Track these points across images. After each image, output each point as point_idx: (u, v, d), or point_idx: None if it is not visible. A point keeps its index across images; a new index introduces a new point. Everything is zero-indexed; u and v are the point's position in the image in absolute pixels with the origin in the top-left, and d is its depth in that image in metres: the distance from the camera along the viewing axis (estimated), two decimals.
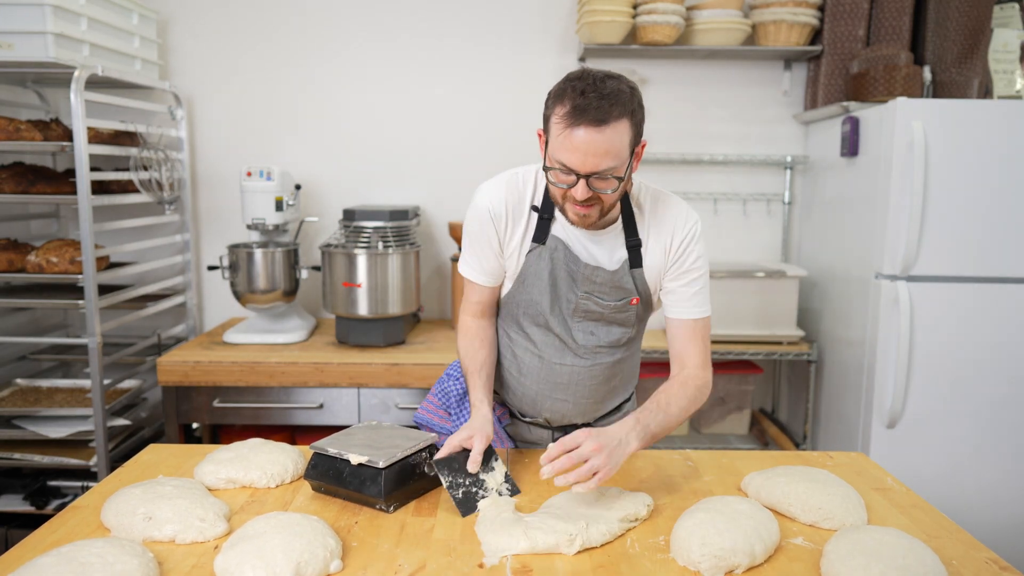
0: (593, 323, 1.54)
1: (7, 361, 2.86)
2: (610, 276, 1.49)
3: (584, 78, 1.31)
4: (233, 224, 3.04)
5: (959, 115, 2.32)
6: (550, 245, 1.49)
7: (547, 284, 1.50)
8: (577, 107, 1.28)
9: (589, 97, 1.28)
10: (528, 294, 1.53)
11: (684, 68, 3.03)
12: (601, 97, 1.28)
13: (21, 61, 2.28)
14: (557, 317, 1.53)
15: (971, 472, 2.44)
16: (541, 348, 1.57)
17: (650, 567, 1.17)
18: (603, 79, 1.31)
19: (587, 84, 1.30)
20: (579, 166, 1.31)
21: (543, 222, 1.49)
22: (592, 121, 1.28)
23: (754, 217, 3.12)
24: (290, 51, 3.01)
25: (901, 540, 1.14)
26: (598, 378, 1.59)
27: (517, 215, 1.50)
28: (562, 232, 1.50)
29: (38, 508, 2.51)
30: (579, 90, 1.29)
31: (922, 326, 2.39)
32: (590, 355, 1.56)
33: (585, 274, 1.49)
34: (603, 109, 1.28)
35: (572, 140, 1.29)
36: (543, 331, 1.56)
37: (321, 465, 1.40)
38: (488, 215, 1.51)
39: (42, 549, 1.18)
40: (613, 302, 1.51)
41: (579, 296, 1.51)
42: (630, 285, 1.50)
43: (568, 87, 1.31)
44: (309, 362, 2.50)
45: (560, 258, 1.49)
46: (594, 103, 1.28)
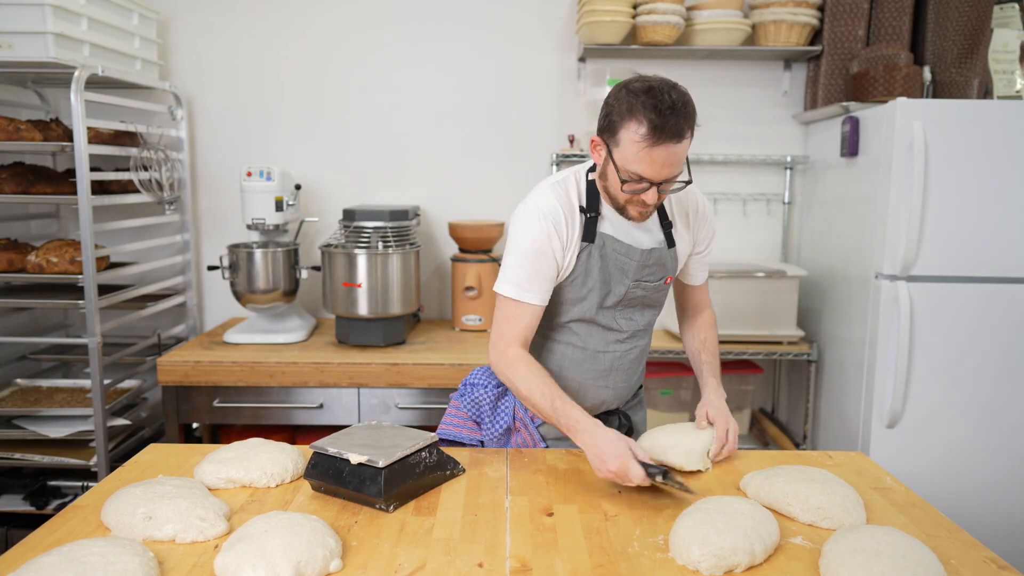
0: (633, 309, 1.64)
1: (7, 361, 2.86)
2: (660, 254, 1.60)
3: (656, 94, 1.37)
4: (233, 224, 3.04)
5: (959, 115, 2.32)
6: (598, 243, 1.56)
7: (597, 280, 1.58)
8: (658, 127, 1.36)
9: (667, 116, 1.35)
10: (578, 292, 1.59)
11: (684, 68, 3.03)
12: (678, 115, 1.37)
13: (21, 61, 2.28)
14: (606, 309, 1.61)
15: (971, 472, 2.44)
16: (585, 340, 1.63)
17: (650, 567, 1.17)
18: (671, 92, 1.38)
19: (661, 102, 1.36)
20: (655, 176, 1.42)
21: (590, 221, 1.55)
22: (673, 137, 1.37)
23: (754, 217, 3.12)
24: (290, 51, 3.01)
25: (900, 539, 1.14)
26: (635, 361, 1.69)
27: (571, 218, 1.55)
28: (609, 228, 1.57)
29: (38, 508, 2.51)
30: (654, 108, 1.36)
31: (922, 326, 2.39)
32: (630, 339, 1.66)
33: (640, 260, 1.57)
34: (680, 126, 1.37)
35: (652, 155, 1.39)
36: (587, 324, 1.63)
37: (321, 465, 1.40)
38: (551, 224, 1.52)
39: (42, 549, 1.18)
40: (656, 282, 1.62)
41: (630, 285, 1.58)
42: (669, 263, 1.63)
43: (638, 103, 1.37)
44: (309, 362, 2.50)
45: (609, 253, 1.56)
46: (671, 121, 1.36)
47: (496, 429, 1.69)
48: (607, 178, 1.50)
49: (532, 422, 1.68)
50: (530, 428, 1.68)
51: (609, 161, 1.46)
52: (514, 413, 1.69)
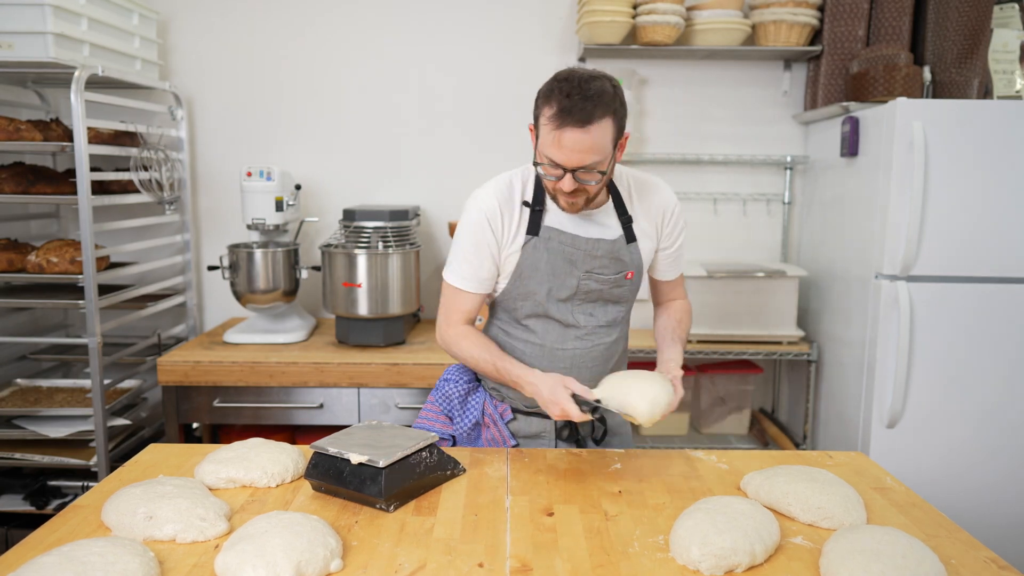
0: (592, 304, 1.63)
1: (7, 361, 2.86)
2: (610, 246, 1.59)
3: (570, 80, 1.41)
4: (233, 224, 3.04)
5: (959, 115, 2.32)
6: (544, 236, 1.58)
7: (545, 273, 1.58)
8: (563, 109, 1.38)
9: (574, 99, 1.38)
10: (525, 287, 1.60)
11: (684, 68, 3.03)
12: (585, 99, 1.38)
13: (21, 61, 2.28)
14: (556, 304, 1.60)
15: (971, 472, 2.44)
16: (542, 336, 1.63)
17: (650, 567, 1.17)
18: (588, 80, 1.41)
19: (572, 86, 1.39)
20: (566, 162, 1.43)
21: (535, 214, 1.58)
22: (577, 122, 1.38)
23: (754, 217, 3.12)
24: (290, 51, 3.01)
25: (900, 539, 1.15)
26: (598, 359, 1.65)
27: (510, 213, 1.58)
28: (555, 220, 1.58)
29: (38, 508, 2.51)
30: (565, 92, 1.39)
31: (922, 326, 2.39)
32: (590, 336, 1.64)
33: (586, 250, 1.57)
34: (587, 110, 1.38)
35: (559, 139, 1.40)
36: (542, 320, 1.62)
37: (321, 465, 1.40)
38: (485, 218, 1.58)
39: (42, 549, 1.18)
40: (612, 275, 1.61)
41: (580, 277, 1.58)
42: (627, 257, 1.61)
43: (555, 88, 1.42)
44: (309, 362, 2.50)
45: (555, 246, 1.58)
46: (579, 104, 1.38)
47: (465, 424, 1.70)
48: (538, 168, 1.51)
49: (501, 419, 1.69)
50: (499, 424, 1.68)
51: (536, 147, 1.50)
52: (483, 408, 1.70)
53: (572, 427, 1.70)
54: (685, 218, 1.72)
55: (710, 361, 3.00)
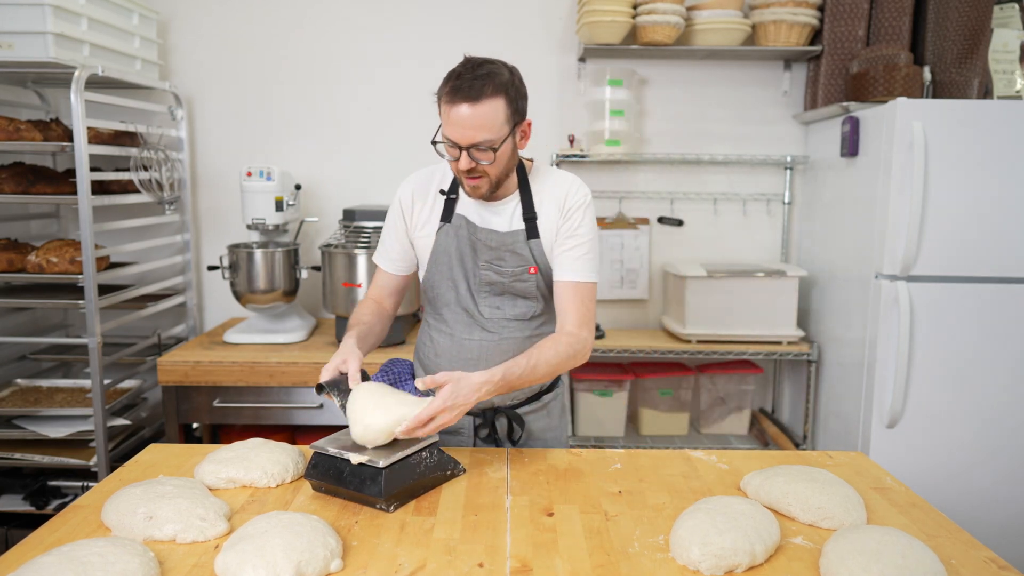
0: (498, 297, 1.66)
1: (7, 361, 2.86)
2: (503, 238, 1.62)
3: (467, 62, 1.49)
4: (233, 224, 3.04)
5: (959, 115, 2.32)
6: (455, 223, 1.64)
7: (455, 260, 1.64)
8: (455, 87, 1.46)
9: (465, 77, 1.46)
10: (440, 272, 1.66)
11: (684, 68, 3.03)
12: (476, 77, 1.45)
13: (21, 61, 2.28)
14: (465, 293, 1.65)
15: (971, 472, 2.44)
16: (452, 326, 1.68)
17: (650, 567, 1.17)
18: (481, 63, 1.49)
19: (464, 67, 1.47)
20: (459, 139, 1.48)
21: (449, 202, 1.66)
22: (466, 97, 1.45)
23: (754, 217, 3.12)
24: (290, 51, 3.01)
25: (900, 539, 1.15)
26: (507, 354, 1.64)
27: (423, 200, 1.68)
28: (465, 210, 1.65)
29: (38, 508, 2.51)
30: (457, 72, 1.47)
31: (922, 326, 2.39)
32: (497, 329, 1.66)
33: (483, 240, 1.62)
34: (476, 87, 1.45)
35: (451, 115, 1.47)
36: (453, 309, 1.67)
37: (321, 465, 1.40)
38: (398, 203, 1.70)
39: (42, 549, 1.18)
40: (512, 268, 1.63)
41: (481, 267, 1.63)
42: (526, 252, 1.62)
43: (451, 72, 1.49)
44: (309, 362, 2.50)
45: (464, 234, 1.64)
46: (468, 82, 1.45)
47: None
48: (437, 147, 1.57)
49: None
50: None
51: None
52: None
53: (491, 427, 1.70)
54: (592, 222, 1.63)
55: (710, 361, 3.00)
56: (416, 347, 1.82)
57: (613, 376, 2.93)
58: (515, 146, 1.56)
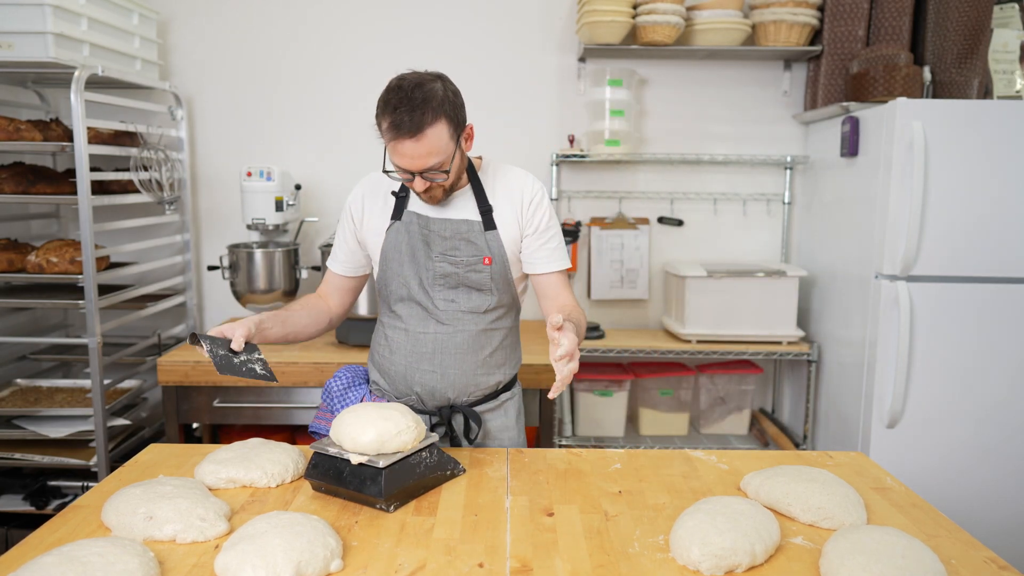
0: (452, 290, 1.65)
1: (7, 361, 2.86)
2: (457, 227, 1.62)
3: (399, 90, 1.45)
4: (233, 224, 3.04)
5: (959, 115, 2.32)
6: (406, 220, 1.65)
7: (406, 256, 1.65)
8: (394, 123, 1.44)
9: (401, 112, 1.43)
10: (391, 269, 1.66)
11: (684, 68, 3.03)
12: (413, 109, 1.43)
13: (21, 61, 2.28)
14: (419, 287, 1.65)
15: (971, 472, 2.44)
16: (406, 321, 1.68)
17: (650, 567, 1.17)
18: (414, 87, 1.45)
19: (400, 97, 1.44)
20: (410, 167, 1.49)
21: (400, 201, 1.67)
22: (408, 133, 1.44)
23: (754, 217, 3.12)
24: (290, 51, 3.01)
25: (900, 540, 1.15)
26: (462, 347, 1.65)
27: (373, 201, 1.70)
28: (416, 206, 1.66)
29: (38, 508, 2.51)
30: (393, 105, 1.44)
31: (922, 326, 2.39)
32: (452, 321, 1.65)
33: (437, 231, 1.62)
34: (415, 120, 1.43)
35: (397, 149, 1.47)
36: (408, 304, 1.67)
37: (321, 465, 1.40)
38: (348, 206, 1.72)
39: (43, 549, 1.18)
40: (466, 258, 1.63)
41: (435, 259, 1.62)
42: (481, 242, 1.63)
43: (384, 101, 1.47)
44: (309, 362, 2.50)
45: (415, 229, 1.64)
46: (406, 118, 1.43)
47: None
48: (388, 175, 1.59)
49: None
50: None
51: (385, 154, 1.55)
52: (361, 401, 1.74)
53: (448, 425, 1.70)
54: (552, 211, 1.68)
55: (710, 361, 3.00)
56: (371, 349, 1.80)
57: (613, 376, 2.93)
58: (463, 153, 1.58)
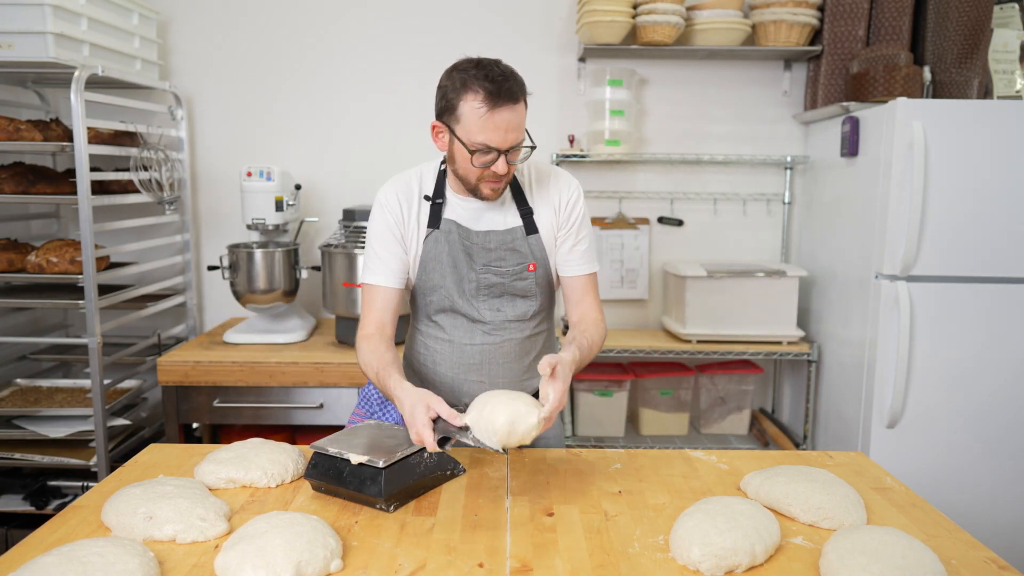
0: (497, 299, 1.61)
1: (7, 361, 2.86)
2: (502, 237, 1.59)
3: (481, 65, 1.43)
4: (233, 224, 3.04)
5: (959, 115, 2.32)
6: (444, 228, 1.59)
7: (447, 266, 1.59)
8: (494, 92, 1.40)
9: (499, 82, 1.41)
10: (431, 280, 1.61)
11: (684, 68, 3.03)
12: (506, 78, 1.42)
13: (21, 61, 2.28)
14: (462, 298, 1.60)
15: (971, 472, 2.44)
16: (450, 332, 1.63)
17: (650, 567, 1.17)
18: (498, 64, 1.45)
19: (489, 69, 1.42)
20: (500, 143, 1.44)
21: (435, 207, 1.60)
22: (509, 99, 1.42)
23: (754, 217, 3.12)
24: (290, 51, 3.01)
25: (900, 540, 1.15)
26: (510, 355, 1.64)
27: (408, 206, 1.61)
28: (454, 213, 1.60)
29: (38, 508, 2.51)
30: (484, 75, 1.41)
31: (922, 326, 2.39)
32: (498, 331, 1.62)
33: (479, 243, 1.58)
34: (513, 89, 1.43)
35: (494, 121, 1.42)
36: (450, 315, 1.62)
37: (321, 465, 1.40)
38: (386, 212, 1.61)
39: (43, 549, 1.18)
40: (511, 267, 1.59)
41: (479, 271, 1.58)
42: (525, 249, 1.60)
43: (471, 75, 1.42)
44: (309, 362, 2.50)
45: (455, 239, 1.59)
46: (506, 84, 1.41)
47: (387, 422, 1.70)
48: (455, 160, 1.51)
49: None
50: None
51: (454, 140, 1.48)
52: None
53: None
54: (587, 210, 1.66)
55: (710, 361, 3.00)
56: (407, 356, 1.75)
57: (613, 376, 2.93)
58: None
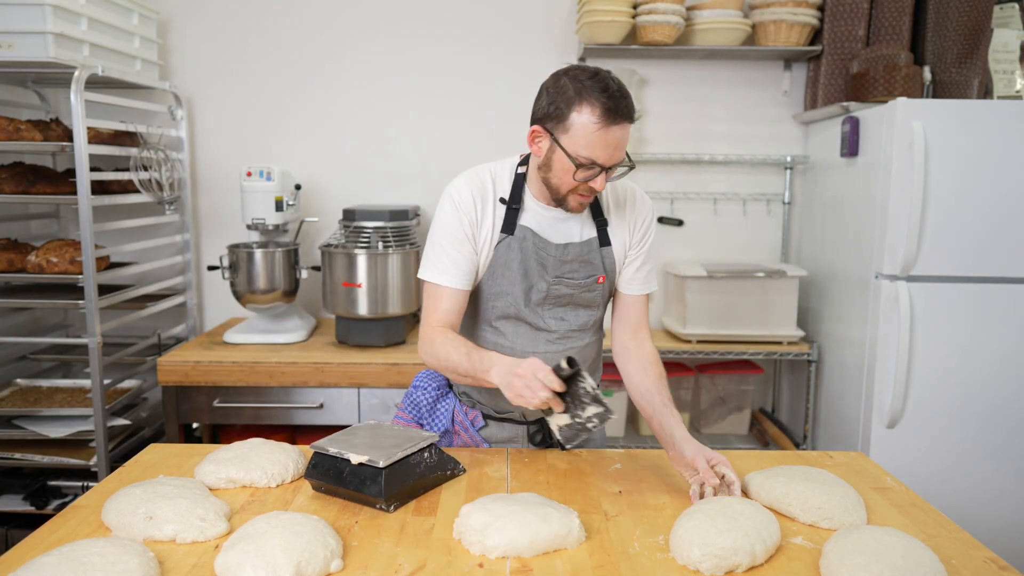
0: (563, 308, 1.59)
1: (7, 361, 2.86)
2: (580, 249, 1.55)
3: (602, 79, 1.39)
4: (233, 224, 3.04)
5: (959, 115, 2.32)
6: (519, 235, 1.54)
7: (518, 274, 1.55)
8: (610, 108, 1.36)
9: (617, 98, 1.37)
10: (498, 286, 1.56)
11: (684, 68, 3.03)
12: (623, 95, 1.38)
13: (21, 61, 2.28)
14: (527, 306, 1.57)
15: (971, 472, 2.44)
16: (512, 339, 1.60)
17: (650, 567, 1.17)
18: (613, 77, 1.40)
19: (606, 84, 1.38)
20: (606, 160, 1.40)
21: (511, 212, 1.54)
22: (625, 118, 1.39)
23: (754, 217, 3.12)
24: (290, 51, 3.01)
25: (900, 540, 1.15)
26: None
27: (483, 207, 1.54)
28: (529, 221, 1.55)
29: (38, 508, 2.51)
30: (602, 89, 1.37)
31: (922, 326, 2.39)
32: (561, 340, 1.60)
33: (556, 256, 1.54)
34: (630, 107, 1.40)
35: (606, 138, 1.38)
36: (513, 322, 1.59)
37: (321, 465, 1.40)
38: (459, 210, 1.53)
39: (43, 549, 1.18)
40: (582, 280, 1.57)
41: (550, 283, 1.55)
42: (598, 261, 1.58)
43: (585, 87, 1.38)
44: (309, 362, 2.50)
45: (529, 247, 1.54)
46: (622, 102, 1.38)
47: (435, 431, 1.68)
48: (551, 168, 1.45)
49: (472, 426, 1.67)
50: (471, 431, 1.67)
51: (556, 149, 1.43)
52: (453, 416, 1.68)
53: (544, 432, 1.67)
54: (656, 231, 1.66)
55: (710, 361, 3.00)
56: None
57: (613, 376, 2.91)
58: None
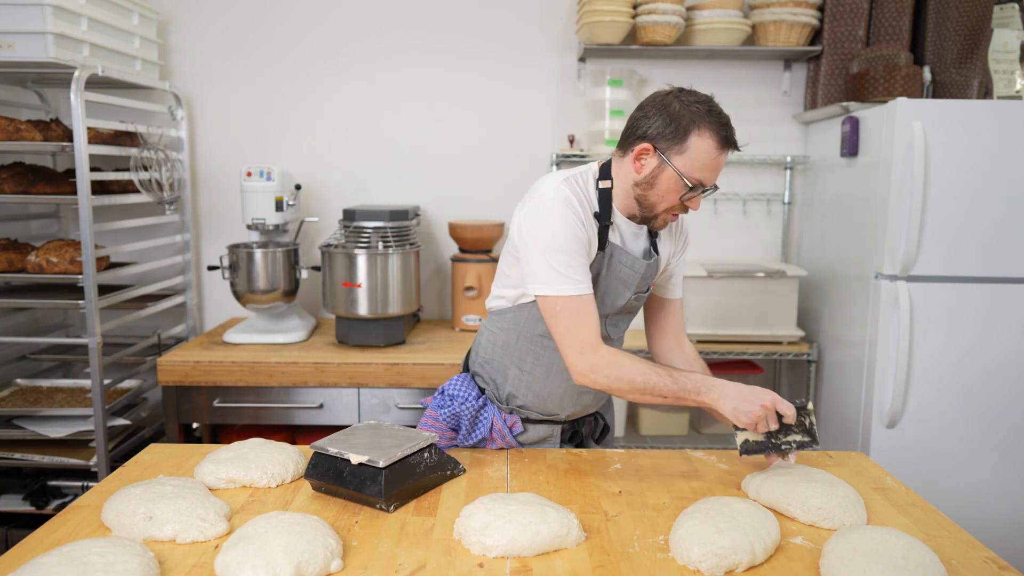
0: (618, 316, 1.65)
1: (7, 361, 2.86)
2: (653, 266, 1.61)
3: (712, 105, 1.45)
4: (233, 224, 3.04)
5: (959, 115, 2.32)
6: (607, 251, 1.56)
7: (600, 290, 1.57)
8: (727, 136, 1.44)
9: (728, 126, 1.45)
10: None
11: (684, 68, 3.03)
12: (730, 124, 1.46)
13: (21, 61, 2.28)
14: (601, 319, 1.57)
15: (971, 472, 2.44)
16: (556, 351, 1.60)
17: (650, 567, 1.17)
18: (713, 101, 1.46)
19: (718, 111, 1.45)
20: (710, 181, 1.47)
21: (603, 229, 1.55)
22: (734, 146, 1.47)
23: (754, 217, 3.12)
24: (290, 51, 3.01)
25: (900, 540, 1.15)
26: None
27: (587, 216, 1.51)
28: (615, 236, 1.58)
29: (38, 508, 2.51)
30: (716, 117, 1.44)
31: (922, 326, 2.39)
32: (616, 346, 1.67)
33: (640, 272, 1.57)
34: (736, 137, 1.47)
35: (717, 162, 1.45)
36: None
37: (321, 465, 1.40)
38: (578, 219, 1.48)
39: (42, 549, 1.18)
40: (645, 292, 1.65)
41: (630, 298, 1.60)
42: (652, 273, 1.63)
43: (703, 111, 1.43)
44: (309, 362, 2.50)
45: (614, 264, 1.57)
46: (732, 130, 1.46)
47: (472, 439, 1.68)
48: (654, 186, 1.47)
49: (511, 432, 1.67)
50: (508, 438, 1.66)
51: (665, 168, 1.45)
52: (492, 424, 1.67)
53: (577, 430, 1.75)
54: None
55: (710, 361, 2.97)
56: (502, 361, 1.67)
57: None
58: None
